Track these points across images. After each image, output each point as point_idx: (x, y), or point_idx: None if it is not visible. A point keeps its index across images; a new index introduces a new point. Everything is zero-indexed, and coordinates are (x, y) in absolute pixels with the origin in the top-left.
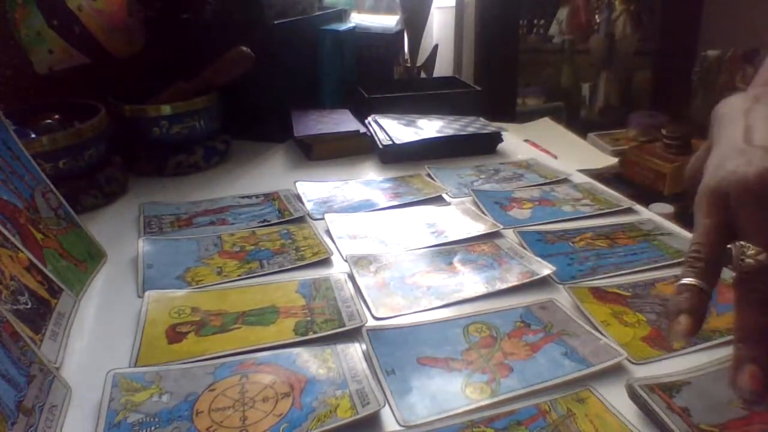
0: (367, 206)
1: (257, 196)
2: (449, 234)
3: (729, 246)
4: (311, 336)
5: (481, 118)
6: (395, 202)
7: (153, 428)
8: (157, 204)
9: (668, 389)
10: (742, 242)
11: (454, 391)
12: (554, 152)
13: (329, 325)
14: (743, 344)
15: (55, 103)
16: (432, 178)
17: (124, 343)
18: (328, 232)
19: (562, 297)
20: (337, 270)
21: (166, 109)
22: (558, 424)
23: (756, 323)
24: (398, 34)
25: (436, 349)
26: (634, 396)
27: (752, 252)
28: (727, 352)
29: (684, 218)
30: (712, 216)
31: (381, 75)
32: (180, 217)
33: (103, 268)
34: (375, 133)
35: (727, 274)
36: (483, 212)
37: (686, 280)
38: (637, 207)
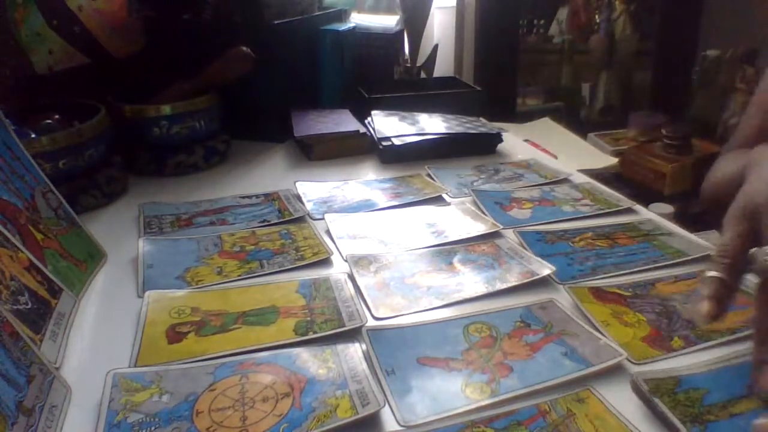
0: (367, 206)
1: (257, 196)
2: (449, 234)
3: (753, 250)
4: (311, 336)
5: (482, 118)
6: (395, 202)
7: (153, 428)
8: (157, 204)
9: (672, 383)
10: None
11: (454, 391)
12: (554, 152)
13: (329, 325)
14: (764, 347)
15: (55, 103)
16: (432, 178)
17: (124, 343)
18: (328, 232)
19: (562, 297)
20: (337, 270)
21: (166, 109)
22: (558, 425)
23: None
24: (398, 34)
25: (436, 349)
26: (637, 390)
27: None
28: (727, 350)
29: (684, 218)
30: (742, 224)
31: (381, 75)
32: (180, 217)
33: (103, 268)
34: (375, 133)
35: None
36: (483, 212)
37: (711, 273)
38: (637, 207)
